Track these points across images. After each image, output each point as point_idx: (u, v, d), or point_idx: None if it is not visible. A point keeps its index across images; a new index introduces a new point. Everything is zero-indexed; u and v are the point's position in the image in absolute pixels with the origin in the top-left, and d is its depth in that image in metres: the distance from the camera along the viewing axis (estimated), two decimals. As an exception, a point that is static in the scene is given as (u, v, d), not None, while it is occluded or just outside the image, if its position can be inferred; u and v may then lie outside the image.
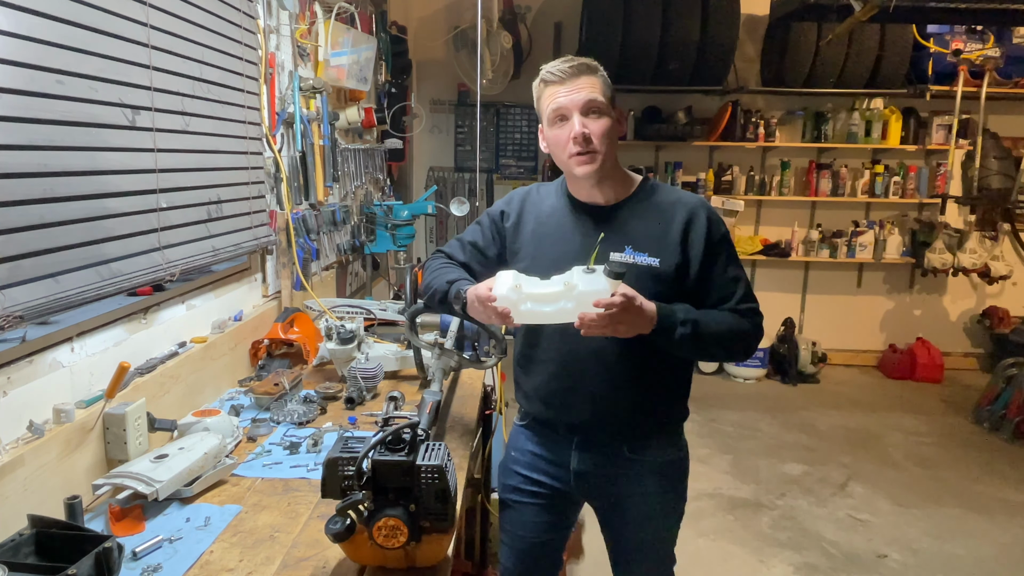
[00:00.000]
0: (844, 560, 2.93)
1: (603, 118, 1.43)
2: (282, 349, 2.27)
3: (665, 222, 1.48)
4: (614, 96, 1.48)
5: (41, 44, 1.28)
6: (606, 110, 1.44)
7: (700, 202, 1.51)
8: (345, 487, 1.13)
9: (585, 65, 1.43)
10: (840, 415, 4.58)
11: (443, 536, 1.15)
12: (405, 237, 3.27)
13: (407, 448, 1.13)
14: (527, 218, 1.59)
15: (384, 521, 1.09)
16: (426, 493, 1.11)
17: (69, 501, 1.13)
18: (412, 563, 1.17)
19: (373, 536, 1.10)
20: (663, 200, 1.51)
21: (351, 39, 3.03)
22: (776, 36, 5.00)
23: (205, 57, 1.93)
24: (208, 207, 1.94)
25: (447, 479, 1.11)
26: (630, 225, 1.49)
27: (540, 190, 1.63)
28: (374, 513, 1.10)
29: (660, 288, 1.44)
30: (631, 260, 1.45)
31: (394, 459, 1.11)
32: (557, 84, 1.44)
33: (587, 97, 1.42)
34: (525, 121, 5.48)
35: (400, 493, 1.12)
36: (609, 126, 1.44)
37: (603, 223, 1.50)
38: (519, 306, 1.34)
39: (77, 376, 1.46)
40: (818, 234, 5.38)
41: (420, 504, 1.11)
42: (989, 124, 4.94)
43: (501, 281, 1.37)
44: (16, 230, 1.22)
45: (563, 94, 1.43)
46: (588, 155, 1.44)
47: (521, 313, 1.35)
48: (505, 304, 1.34)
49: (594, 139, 1.42)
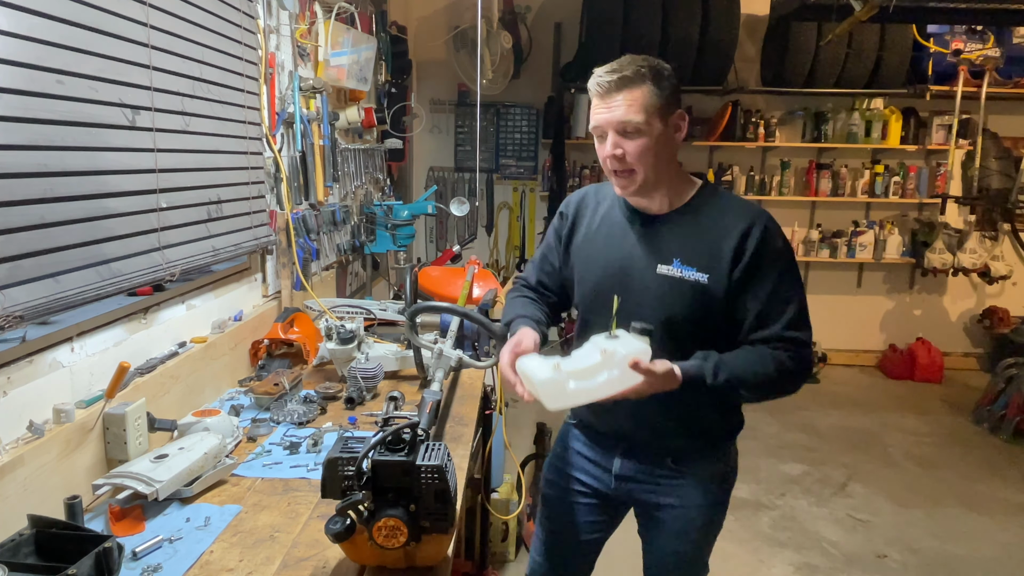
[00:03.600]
0: (844, 560, 2.93)
1: (641, 137, 1.34)
2: (282, 349, 2.27)
3: (718, 235, 1.38)
4: (668, 103, 1.36)
5: (41, 44, 1.28)
6: (646, 128, 1.33)
7: (758, 213, 1.39)
8: (345, 487, 1.13)
9: (627, 78, 1.32)
10: (840, 415, 4.58)
11: (443, 536, 1.15)
12: (405, 237, 3.27)
13: (407, 448, 1.13)
14: (582, 221, 1.55)
15: (384, 521, 1.09)
16: (426, 493, 1.11)
17: (69, 501, 1.13)
18: (412, 563, 1.17)
19: (373, 536, 1.10)
20: (719, 211, 1.41)
21: (351, 39, 3.03)
22: (776, 36, 5.00)
23: (205, 57, 1.93)
24: (208, 207, 1.94)
25: (447, 479, 1.10)
26: (680, 237, 1.41)
27: (599, 191, 1.57)
28: (374, 513, 1.10)
29: (708, 306, 1.38)
30: (679, 274, 1.38)
31: (394, 459, 1.11)
32: (597, 97, 1.36)
33: (621, 118, 1.33)
34: (525, 121, 5.48)
35: (400, 493, 1.12)
36: (647, 144, 1.34)
37: (652, 233, 1.43)
38: (566, 387, 1.26)
39: (77, 376, 1.46)
40: (818, 234, 5.38)
41: (420, 504, 1.11)
42: (989, 124, 4.94)
43: (534, 366, 1.28)
44: (16, 230, 1.22)
45: (600, 111, 1.36)
46: (625, 174, 1.38)
47: (568, 395, 1.26)
48: (551, 388, 1.25)
49: (629, 159, 1.35)
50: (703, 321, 1.40)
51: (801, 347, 1.37)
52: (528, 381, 1.28)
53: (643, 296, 1.42)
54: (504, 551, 2.81)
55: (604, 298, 1.45)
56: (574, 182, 5.32)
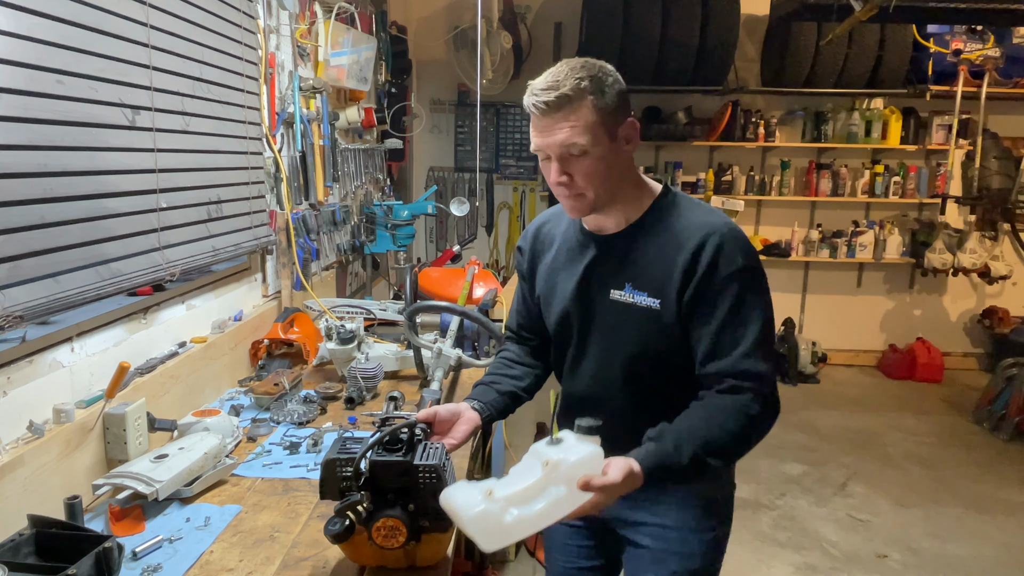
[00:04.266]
0: (844, 560, 2.93)
1: (587, 158, 1.19)
2: (282, 349, 2.27)
3: (670, 252, 1.22)
4: (614, 115, 1.20)
5: (41, 44, 1.28)
6: (592, 148, 1.18)
7: (716, 225, 1.21)
8: (343, 488, 1.12)
9: (565, 96, 1.16)
10: (840, 415, 4.58)
11: (443, 535, 1.15)
12: (405, 237, 3.27)
13: (405, 448, 1.13)
14: (541, 251, 1.43)
15: (383, 522, 1.09)
16: (424, 493, 1.10)
17: (69, 501, 1.13)
18: (412, 563, 1.17)
19: (372, 537, 1.10)
20: (676, 225, 1.24)
21: (351, 39, 3.03)
22: (776, 36, 5.00)
23: (205, 57, 1.93)
24: (208, 207, 1.94)
25: (445, 479, 1.10)
26: (632, 257, 1.26)
27: (556, 219, 1.43)
28: (373, 514, 1.10)
29: (663, 336, 1.23)
30: (631, 300, 1.25)
31: (391, 459, 1.11)
32: (536, 118, 1.20)
33: (564, 141, 1.17)
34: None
35: (399, 493, 1.12)
36: (595, 165, 1.19)
37: (606, 254, 1.29)
38: (503, 519, 1.00)
39: (77, 376, 1.46)
40: (818, 234, 5.38)
41: (419, 504, 1.11)
42: (989, 124, 4.94)
43: (460, 501, 1.02)
44: (16, 230, 1.22)
45: (540, 133, 1.20)
46: (575, 198, 1.23)
47: (507, 529, 1.00)
48: (484, 524, 1.00)
49: (578, 182, 1.21)
50: (662, 355, 1.25)
51: (761, 382, 1.18)
52: (456, 519, 1.02)
53: (600, 325, 1.31)
54: (504, 551, 2.81)
55: (568, 330, 1.35)
56: (574, 182, 5.32)
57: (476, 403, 1.34)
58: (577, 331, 1.34)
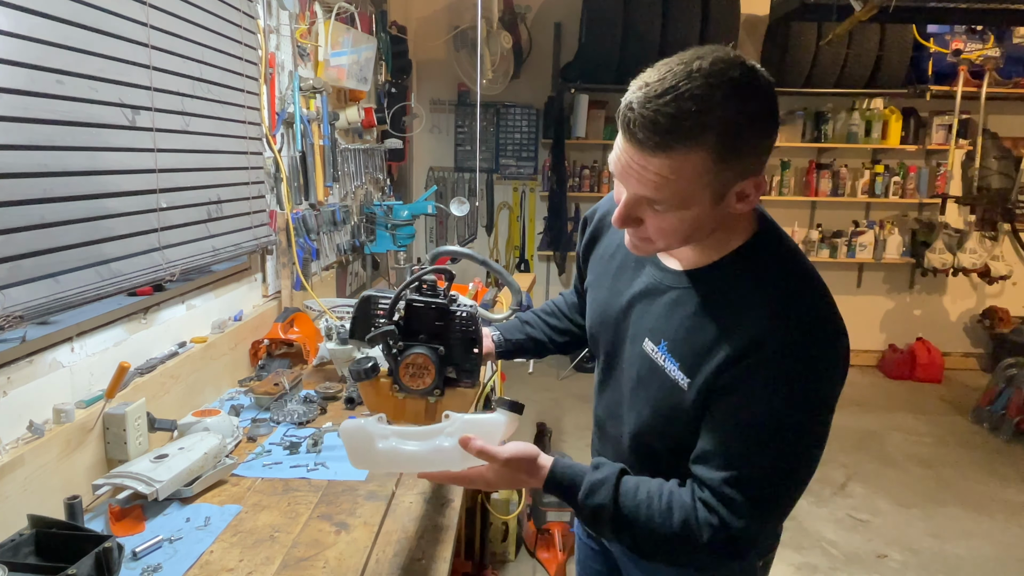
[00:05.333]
0: (844, 560, 2.93)
1: (674, 213, 0.89)
2: (282, 349, 2.27)
3: (726, 327, 0.92)
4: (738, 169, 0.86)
5: (41, 44, 1.28)
6: (684, 208, 0.88)
7: (797, 318, 0.90)
8: (376, 326, 1.10)
9: (675, 135, 0.81)
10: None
11: (468, 391, 1.12)
12: (405, 237, 3.27)
13: (442, 295, 1.12)
14: (602, 234, 1.21)
15: (412, 358, 1.07)
16: (457, 340, 1.08)
17: (69, 501, 1.13)
18: (432, 419, 1.09)
19: (399, 375, 1.07)
20: (750, 288, 0.93)
21: (351, 39, 3.03)
22: (776, 36, 5.00)
23: (205, 57, 1.93)
24: (208, 207, 1.94)
25: (479, 326, 1.09)
26: (683, 312, 0.98)
27: None
28: (403, 351, 1.08)
29: (679, 420, 0.97)
30: (660, 363, 0.99)
31: (430, 300, 1.10)
32: (624, 137, 0.87)
33: (650, 195, 0.87)
34: (525, 121, 5.48)
35: (431, 338, 1.10)
36: (680, 223, 0.90)
37: (658, 292, 1.03)
38: (375, 444, 0.98)
39: (77, 376, 1.46)
40: (818, 234, 5.38)
41: (450, 351, 1.09)
42: (989, 124, 4.95)
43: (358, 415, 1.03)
44: (16, 230, 1.22)
45: (623, 160, 0.87)
46: (640, 240, 0.97)
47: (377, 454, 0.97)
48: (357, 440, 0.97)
49: (650, 231, 0.93)
50: (675, 431, 1.00)
51: (739, 518, 0.88)
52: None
53: (626, 368, 1.09)
54: (504, 551, 2.81)
55: (595, 349, 1.20)
56: (574, 182, 5.33)
57: (497, 334, 1.30)
58: (603, 358, 1.17)
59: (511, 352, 1.32)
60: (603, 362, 1.17)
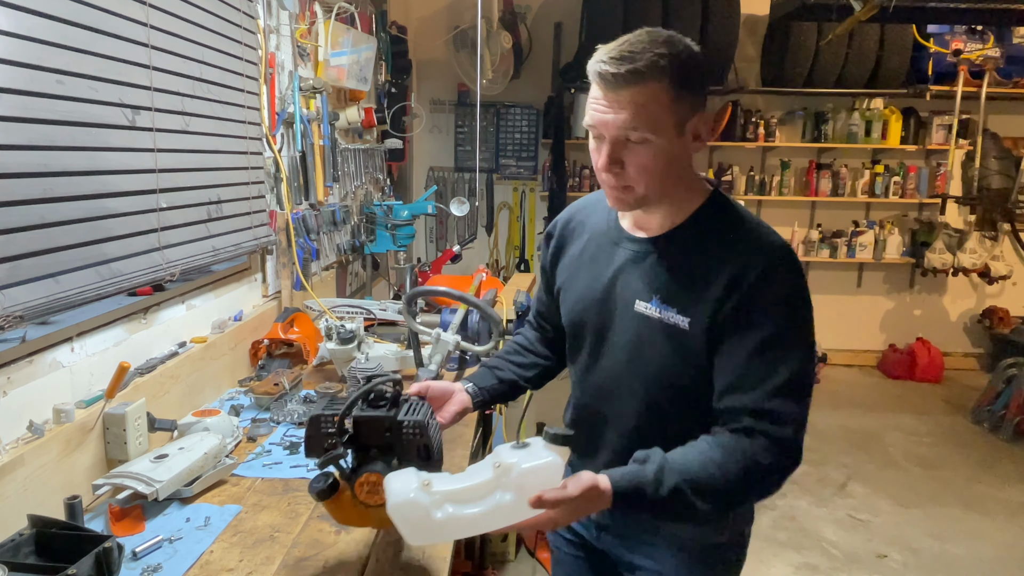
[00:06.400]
0: (844, 560, 2.93)
1: (645, 147, 1.04)
2: (282, 349, 2.27)
3: (710, 266, 1.07)
4: (690, 105, 1.05)
5: (41, 44, 1.28)
6: (655, 138, 1.03)
7: (769, 245, 1.07)
8: (327, 446, 1.10)
9: (637, 72, 0.99)
10: (840, 415, 4.58)
11: None
12: (405, 237, 3.27)
13: (388, 404, 1.11)
14: (569, 240, 1.29)
15: (366, 477, 1.06)
16: (408, 449, 1.07)
17: (69, 501, 1.13)
18: None
19: (355, 492, 1.07)
20: (722, 236, 1.09)
21: (351, 39, 3.03)
22: (776, 36, 4.99)
23: (205, 57, 1.93)
24: (208, 207, 1.94)
25: (429, 435, 1.07)
26: (667, 266, 1.11)
27: (592, 204, 1.29)
28: (356, 469, 1.08)
29: (687, 360, 1.08)
30: (656, 314, 1.10)
31: (375, 415, 1.09)
32: (597, 88, 1.04)
33: (623, 122, 1.02)
34: (525, 121, 5.47)
35: (383, 451, 1.09)
36: (654, 158, 1.04)
37: (639, 258, 1.15)
38: (432, 514, 0.93)
39: (77, 376, 1.46)
40: (818, 234, 5.38)
41: (403, 461, 1.08)
42: (989, 124, 4.94)
43: (397, 482, 0.98)
44: (16, 230, 1.22)
45: (598, 107, 1.04)
46: (622, 190, 1.09)
47: (436, 525, 0.93)
48: (410, 514, 0.95)
49: (630, 172, 1.06)
50: (684, 381, 1.10)
51: (784, 425, 1.03)
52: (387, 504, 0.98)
53: (619, 339, 1.17)
54: (504, 551, 2.81)
55: (581, 335, 1.23)
56: (574, 182, 5.32)
57: (471, 386, 1.30)
58: (591, 340, 1.21)
59: (486, 402, 1.32)
60: (591, 344, 1.22)
